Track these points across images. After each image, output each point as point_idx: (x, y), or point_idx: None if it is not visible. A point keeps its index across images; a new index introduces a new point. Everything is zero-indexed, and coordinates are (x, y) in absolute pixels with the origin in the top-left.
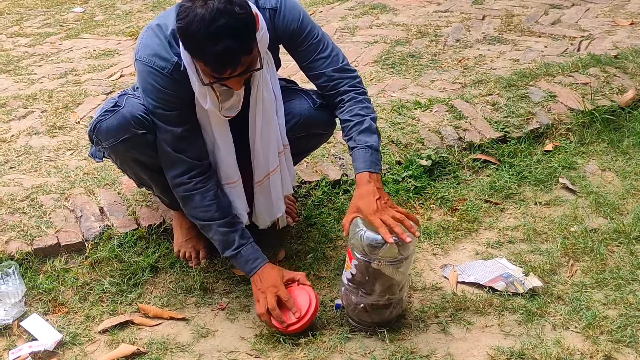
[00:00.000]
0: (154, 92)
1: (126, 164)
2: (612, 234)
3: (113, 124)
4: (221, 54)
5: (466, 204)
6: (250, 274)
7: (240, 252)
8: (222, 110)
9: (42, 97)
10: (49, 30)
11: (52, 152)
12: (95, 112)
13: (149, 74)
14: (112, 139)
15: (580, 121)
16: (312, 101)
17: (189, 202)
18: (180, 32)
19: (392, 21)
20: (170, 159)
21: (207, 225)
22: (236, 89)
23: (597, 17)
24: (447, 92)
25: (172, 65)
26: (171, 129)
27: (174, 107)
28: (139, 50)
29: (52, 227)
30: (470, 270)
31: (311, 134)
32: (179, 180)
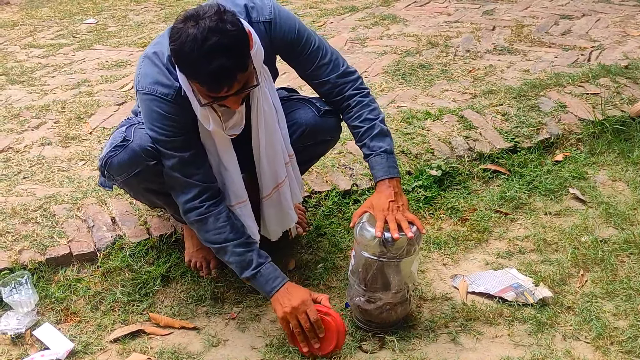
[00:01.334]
0: (159, 120)
1: (140, 194)
2: (622, 245)
3: (124, 159)
4: (216, 73)
5: (476, 214)
6: (271, 294)
7: (260, 271)
8: (226, 129)
9: (55, 107)
10: (62, 41)
11: (65, 163)
12: (105, 146)
13: (153, 101)
14: (124, 174)
15: (591, 131)
16: (317, 109)
17: (202, 225)
18: (173, 54)
19: (402, 32)
20: (179, 184)
21: (223, 247)
22: (234, 108)
23: (608, 28)
24: (457, 103)
25: (175, 90)
26: (179, 155)
27: (180, 133)
28: (139, 80)
29: (64, 236)
30: (480, 280)
31: (318, 141)
32: (191, 205)
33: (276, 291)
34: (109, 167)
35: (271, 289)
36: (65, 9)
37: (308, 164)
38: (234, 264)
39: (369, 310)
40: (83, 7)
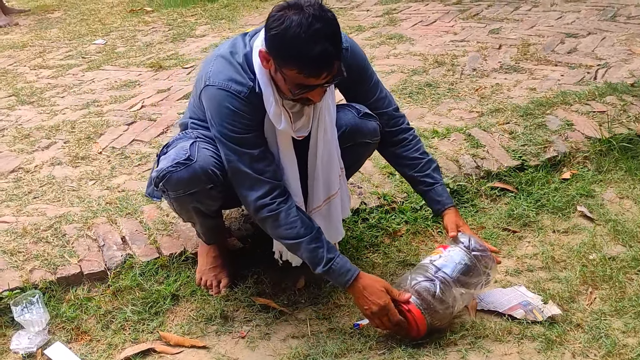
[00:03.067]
0: (231, 116)
1: (185, 211)
2: (630, 262)
3: (184, 177)
4: (320, 56)
5: (485, 232)
6: (346, 285)
7: (332, 267)
8: (295, 130)
9: (65, 127)
10: (72, 62)
11: (75, 182)
12: (163, 158)
13: (226, 97)
14: (180, 191)
15: (598, 149)
16: (356, 111)
17: (274, 222)
18: (275, 39)
19: (409, 51)
20: (249, 181)
21: (295, 244)
22: (317, 100)
23: (614, 46)
24: (464, 121)
25: (249, 89)
26: (249, 152)
27: (250, 130)
28: (210, 77)
29: (75, 256)
30: (489, 298)
31: (357, 143)
32: (262, 202)
33: (351, 283)
34: (166, 181)
35: (345, 282)
36: (74, 30)
37: (348, 172)
38: (307, 259)
39: (435, 306)
40: (92, 28)
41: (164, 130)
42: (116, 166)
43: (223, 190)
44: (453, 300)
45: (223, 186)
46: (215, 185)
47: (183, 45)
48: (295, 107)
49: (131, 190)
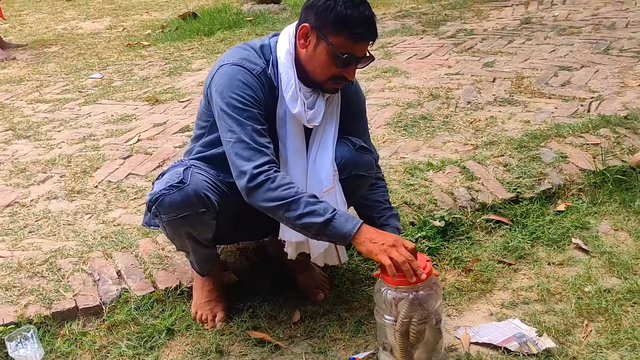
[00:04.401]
0: (241, 88)
1: (177, 235)
2: (626, 294)
3: (177, 200)
4: (370, 19)
5: (480, 265)
6: (355, 228)
7: (337, 212)
8: (308, 117)
9: (61, 162)
10: (68, 96)
11: (71, 216)
12: (157, 182)
13: (239, 72)
14: (172, 214)
15: (592, 181)
16: (352, 144)
17: (270, 184)
18: (327, 8)
19: (404, 84)
20: (248, 152)
21: (295, 200)
22: (351, 78)
23: (607, 79)
24: (459, 154)
25: (261, 68)
26: (252, 124)
27: (257, 106)
28: (224, 59)
29: (70, 290)
30: (483, 331)
31: (352, 175)
32: (259, 170)
33: (359, 227)
34: (159, 204)
35: (353, 226)
36: (71, 64)
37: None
38: (310, 215)
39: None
40: (89, 62)
41: (160, 164)
42: (112, 200)
43: (217, 218)
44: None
45: (216, 213)
46: (208, 210)
47: (179, 79)
48: (310, 98)
49: (127, 224)
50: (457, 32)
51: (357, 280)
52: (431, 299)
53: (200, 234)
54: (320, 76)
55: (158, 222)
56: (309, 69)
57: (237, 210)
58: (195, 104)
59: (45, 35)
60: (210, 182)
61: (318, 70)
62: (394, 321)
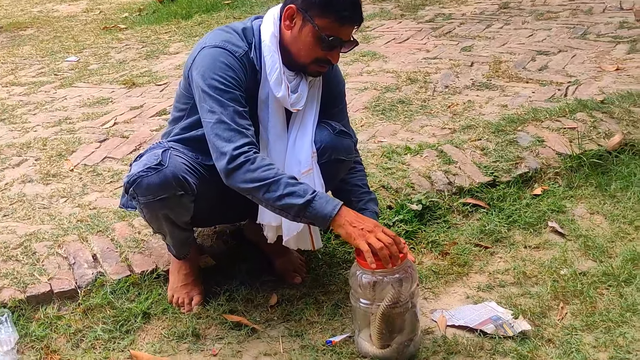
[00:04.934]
0: (223, 69)
1: (155, 218)
2: (601, 277)
3: (154, 182)
4: (356, 3)
5: (456, 248)
6: (335, 210)
7: (317, 194)
8: (291, 100)
9: (36, 145)
10: (44, 79)
11: (46, 200)
12: (135, 163)
13: (221, 54)
14: (150, 196)
15: (569, 165)
16: (332, 128)
17: (250, 165)
18: None
19: (382, 68)
20: (229, 132)
21: (276, 180)
22: (335, 61)
23: (584, 63)
24: (436, 138)
25: (244, 51)
26: (233, 106)
27: (238, 88)
28: (206, 41)
29: (45, 274)
30: (459, 314)
31: (332, 160)
32: (239, 151)
33: (340, 207)
34: (136, 185)
35: (334, 207)
36: (46, 47)
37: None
38: (289, 196)
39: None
40: (65, 45)
41: (136, 147)
42: (88, 183)
43: (195, 200)
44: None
45: (194, 195)
46: (186, 193)
47: (156, 63)
48: (293, 82)
49: (103, 208)
50: (436, 17)
51: (334, 263)
52: (407, 282)
53: (178, 216)
54: (304, 58)
55: (135, 204)
56: (293, 51)
57: (215, 193)
58: (172, 87)
59: (20, 17)
60: (189, 164)
61: (303, 53)
62: (370, 305)
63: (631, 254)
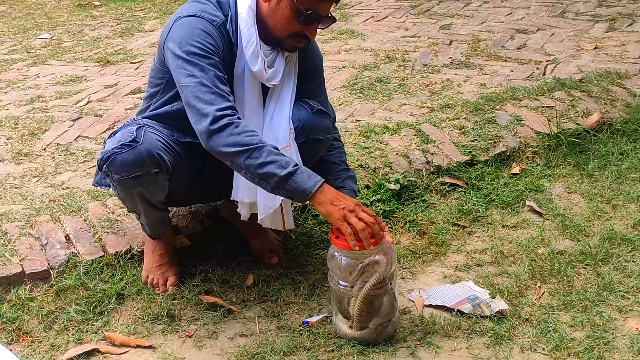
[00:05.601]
0: (203, 36)
1: (129, 196)
2: (578, 256)
3: (129, 159)
4: None
5: (434, 228)
6: (316, 186)
7: (300, 167)
8: (267, 76)
9: (8, 124)
10: (16, 56)
11: (18, 180)
12: (109, 140)
13: (199, 22)
14: (124, 174)
15: (547, 144)
16: (310, 107)
17: (235, 129)
18: None
19: (360, 46)
20: (210, 95)
21: (259, 147)
22: (312, 36)
23: (562, 42)
24: (415, 117)
25: (221, 21)
26: (214, 70)
27: (217, 55)
28: (182, 12)
29: (16, 255)
30: (437, 293)
31: (310, 139)
32: (223, 113)
33: (320, 184)
34: (110, 162)
35: (315, 183)
36: (19, 24)
37: None
38: (272, 164)
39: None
40: (37, 22)
41: (110, 126)
42: (61, 163)
43: (170, 179)
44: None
45: (169, 173)
46: (161, 171)
47: (131, 40)
48: (269, 56)
49: (76, 188)
50: None
51: (311, 243)
52: (387, 264)
53: (153, 195)
54: (281, 32)
55: (109, 181)
56: (270, 24)
57: (191, 172)
58: (147, 65)
59: None
60: (164, 142)
61: (279, 26)
62: (349, 287)
63: (608, 233)
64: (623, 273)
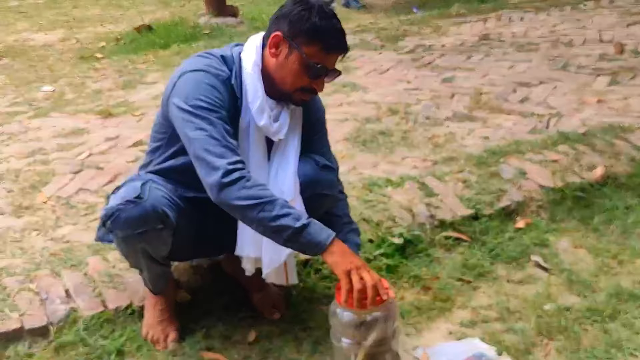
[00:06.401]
0: (209, 91)
1: (132, 253)
2: (585, 312)
3: (133, 216)
4: (342, 31)
5: (439, 283)
6: (329, 239)
7: (312, 220)
8: (273, 129)
9: (9, 176)
10: (18, 109)
11: (18, 233)
12: (113, 196)
13: (205, 76)
14: (128, 230)
15: (551, 198)
16: (315, 162)
17: (246, 182)
18: (302, 18)
19: (362, 99)
20: (221, 149)
21: (272, 201)
22: (319, 89)
23: (565, 95)
24: (418, 170)
25: (227, 75)
26: (221, 123)
27: (224, 109)
28: (186, 67)
29: (16, 310)
30: (442, 350)
31: (315, 194)
32: (234, 166)
33: (333, 237)
34: (114, 219)
35: (327, 235)
36: (21, 76)
37: None
38: (286, 217)
39: None
40: (40, 74)
41: (111, 179)
42: (61, 216)
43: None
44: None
45: (174, 229)
46: (165, 227)
47: (133, 93)
48: (274, 111)
49: (76, 241)
50: (416, 48)
51: (314, 299)
52: (389, 321)
53: (156, 251)
54: (289, 87)
55: (112, 238)
56: (277, 79)
57: (194, 227)
58: (149, 117)
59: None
60: (169, 197)
61: (288, 81)
62: (352, 344)
63: (615, 288)
64: (631, 330)
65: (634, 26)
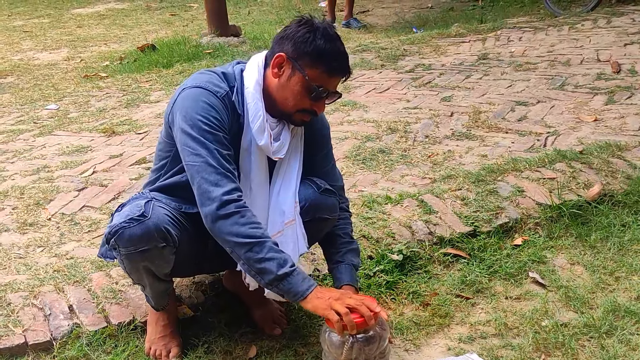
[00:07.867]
0: (207, 110)
1: (135, 270)
2: (582, 328)
3: (136, 234)
4: (345, 55)
5: (437, 299)
6: (309, 291)
7: (296, 269)
8: (273, 149)
9: (14, 193)
10: (23, 127)
11: (22, 249)
12: (117, 214)
13: (202, 93)
14: (131, 248)
15: (549, 215)
16: (317, 186)
17: (240, 218)
18: (306, 40)
19: (362, 117)
20: (215, 176)
21: (261, 242)
22: (320, 111)
23: (562, 114)
24: (417, 187)
25: (225, 92)
26: (218, 148)
27: (222, 130)
28: (186, 83)
29: (19, 325)
30: None
31: (316, 218)
32: (229, 197)
33: (313, 288)
34: (118, 237)
35: (308, 287)
36: (26, 95)
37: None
38: (270, 261)
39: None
40: (45, 93)
41: (115, 196)
42: (65, 233)
43: (176, 252)
44: None
45: (176, 247)
46: (168, 245)
47: (137, 111)
48: (275, 129)
49: (80, 258)
50: (416, 67)
51: (314, 315)
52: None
53: (159, 268)
54: (291, 108)
55: (116, 255)
56: (278, 100)
57: (197, 244)
58: (152, 135)
59: (0, 65)
60: (172, 215)
61: (289, 102)
62: None
63: (612, 305)
64: (628, 346)
65: (631, 46)
